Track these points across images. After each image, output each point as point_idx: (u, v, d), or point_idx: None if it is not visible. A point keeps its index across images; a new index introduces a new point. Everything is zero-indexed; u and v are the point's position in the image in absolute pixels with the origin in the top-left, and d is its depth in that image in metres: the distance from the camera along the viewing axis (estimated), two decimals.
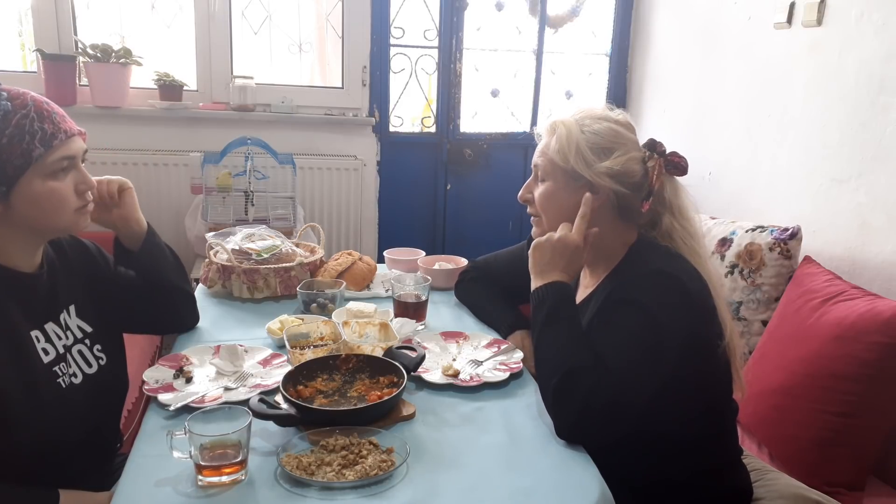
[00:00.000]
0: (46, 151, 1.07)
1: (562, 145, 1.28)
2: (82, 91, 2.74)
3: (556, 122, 1.32)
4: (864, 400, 1.52)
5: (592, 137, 1.28)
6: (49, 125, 1.08)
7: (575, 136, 1.28)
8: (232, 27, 2.90)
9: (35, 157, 1.06)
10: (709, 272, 1.25)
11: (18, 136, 1.05)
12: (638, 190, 1.28)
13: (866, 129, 1.96)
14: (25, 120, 1.06)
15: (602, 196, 1.28)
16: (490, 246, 1.77)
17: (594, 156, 1.27)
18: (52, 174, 1.10)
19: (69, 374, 1.18)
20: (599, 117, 1.32)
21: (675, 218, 1.29)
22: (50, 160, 1.08)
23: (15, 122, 1.05)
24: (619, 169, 1.26)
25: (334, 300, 1.65)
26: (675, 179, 1.31)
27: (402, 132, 3.23)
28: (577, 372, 1.13)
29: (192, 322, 1.52)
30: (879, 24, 1.92)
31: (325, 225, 3.02)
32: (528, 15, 3.22)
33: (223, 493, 0.96)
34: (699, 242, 1.30)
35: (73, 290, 1.25)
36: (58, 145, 1.09)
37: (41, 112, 1.08)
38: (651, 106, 3.19)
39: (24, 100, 1.08)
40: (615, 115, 1.34)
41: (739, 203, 2.51)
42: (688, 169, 1.31)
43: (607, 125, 1.30)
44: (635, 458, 1.21)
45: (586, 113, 1.33)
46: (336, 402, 1.21)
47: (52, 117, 1.09)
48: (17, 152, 1.05)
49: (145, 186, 2.80)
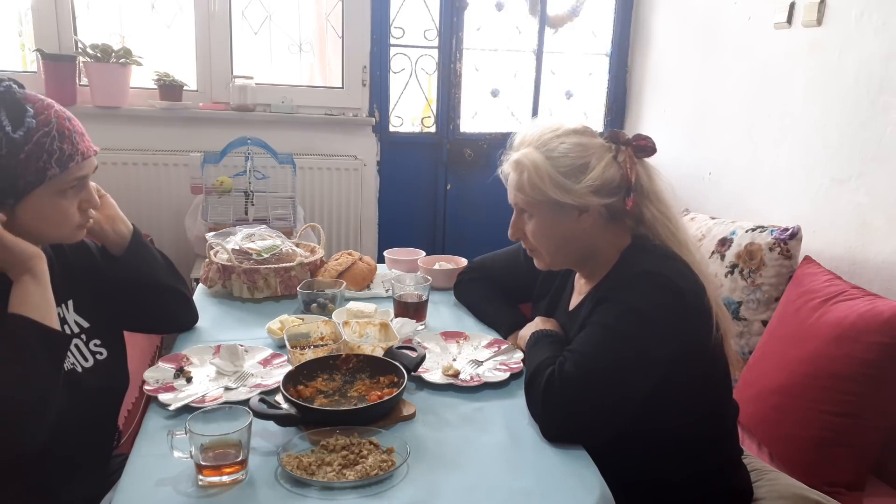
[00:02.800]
0: (61, 172, 1.08)
1: (533, 181, 1.23)
2: (82, 91, 2.74)
3: (519, 160, 1.26)
4: (864, 400, 1.52)
5: (560, 161, 1.23)
6: (68, 146, 1.09)
7: (543, 167, 1.22)
8: (232, 27, 2.90)
9: (49, 176, 1.07)
10: (698, 264, 1.24)
11: (37, 153, 1.06)
12: (620, 191, 1.24)
13: (866, 129, 1.96)
14: (46, 138, 1.06)
15: (593, 212, 1.25)
16: (490, 246, 1.77)
17: (570, 180, 1.22)
18: (61, 192, 1.11)
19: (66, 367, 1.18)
20: (559, 135, 1.26)
21: (654, 205, 1.26)
22: (62, 180, 1.09)
23: (36, 139, 1.06)
24: (599, 183, 1.22)
25: (334, 300, 1.65)
26: (645, 163, 1.27)
27: (402, 132, 3.23)
28: (540, 370, 1.19)
29: (190, 321, 1.52)
30: (879, 24, 1.92)
31: (325, 225, 3.02)
32: (528, 15, 3.22)
33: (223, 492, 0.96)
34: (680, 228, 1.27)
35: (70, 285, 1.25)
36: (73, 167, 1.10)
37: (62, 131, 1.09)
38: (651, 106, 3.19)
39: (49, 115, 1.08)
40: (570, 126, 1.28)
41: (739, 203, 2.51)
42: (656, 148, 1.26)
43: (571, 141, 1.25)
44: (635, 459, 1.21)
45: (544, 135, 1.27)
46: (336, 402, 1.21)
47: (73, 137, 1.10)
48: (32, 170, 1.06)
49: (145, 186, 2.80)
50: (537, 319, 1.41)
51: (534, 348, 1.30)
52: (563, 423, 1.14)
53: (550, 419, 1.15)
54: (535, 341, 1.32)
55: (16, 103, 1.06)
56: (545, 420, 1.15)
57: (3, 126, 1.03)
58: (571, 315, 1.35)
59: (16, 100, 1.06)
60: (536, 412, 1.18)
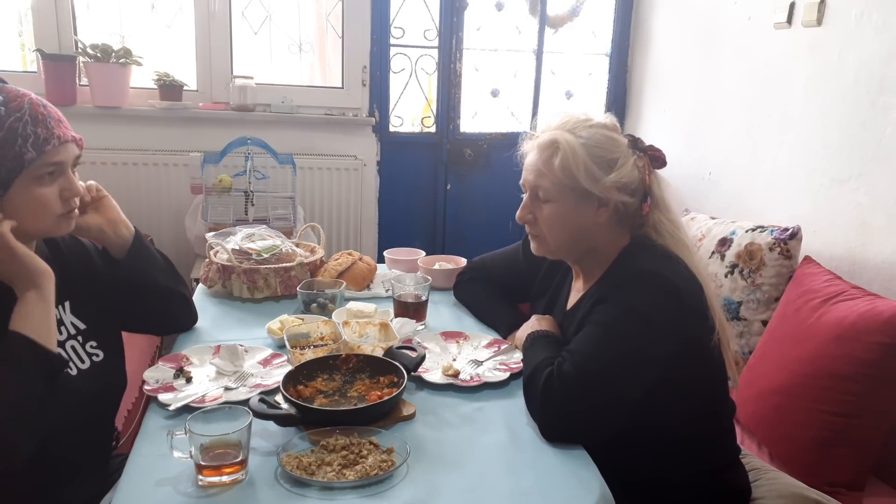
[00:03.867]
0: (38, 156, 1.06)
1: (567, 165, 1.23)
2: (82, 91, 2.74)
3: (556, 140, 1.25)
4: (864, 400, 1.52)
5: (595, 150, 1.24)
6: (42, 129, 1.07)
7: (580, 152, 1.23)
8: (232, 27, 2.90)
9: (27, 160, 1.05)
10: (696, 265, 1.25)
11: (11, 139, 1.04)
12: (637, 194, 1.27)
13: (866, 129, 1.96)
14: (18, 123, 1.05)
15: (610, 208, 1.26)
16: (490, 246, 1.77)
17: (601, 170, 1.23)
18: (37, 179, 1.08)
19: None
20: (590, 126, 1.27)
21: (661, 212, 1.29)
22: (38, 165, 1.07)
23: (8, 124, 1.04)
24: (625, 180, 1.24)
25: (334, 300, 1.65)
26: (656, 173, 1.30)
27: (402, 132, 3.23)
28: (539, 370, 1.19)
29: (189, 322, 1.52)
30: (879, 24, 1.92)
31: (325, 225, 3.02)
32: (528, 15, 3.22)
33: (223, 492, 0.96)
34: (685, 233, 1.30)
35: (67, 286, 1.24)
36: (50, 151, 1.07)
37: (36, 116, 1.07)
38: (651, 106, 3.19)
39: (21, 102, 1.07)
40: (603, 120, 1.30)
41: (739, 203, 2.51)
42: (666, 162, 1.30)
43: (603, 133, 1.26)
44: (635, 458, 1.21)
45: (581, 122, 1.27)
46: (336, 402, 1.21)
47: (47, 122, 1.08)
48: (10, 156, 1.04)
49: (145, 186, 2.80)
50: (533, 319, 1.41)
51: (531, 349, 1.30)
52: (562, 422, 1.14)
53: (549, 419, 1.15)
54: (531, 342, 1.32)
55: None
56: (544, 420, 1.15)
57: None
58: (569, 314, 1.35)
59: None
60: (535, 412, 1.18)
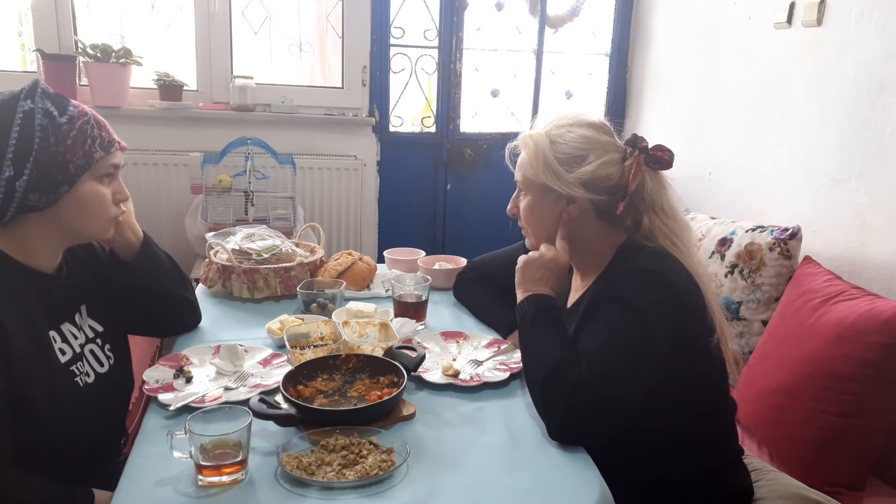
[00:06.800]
0: (105, 156, 1.16)
1: (531, 160, 1.29)
2: (82, 91, 2.74)
3: (525, 137, 1.32)
4: (864, 400, 1.52)
5: (562, 147, 1.27)
6: (105, 133, 1.17)
7: (542, 149, 1.27)
8: (232, 27, 2.90)
9: (96, 159, 1.14)
10: (695, 268, 1.24)
11: (81, 138, 1.12)
12: (616, 192, 1.26)
13: (866, 129, 1.96)
14: (87, 125, 1.14)
15: (579, 205, 1.27)
16: (490, 246, 1.77)
17: (563, 167, 1.26)
18: (100, 178, 1.17)
19: (84, 373, 1.20)
20: (571, 124, 1.29)
21: (658, 216, 1.26)
22: (103, 165, 1.16)
23: (79, 125, 1.13)
24: (589, 177, 1.25)
25: (334, 300, 1.65)
26: (659, 175, 1.28)
27: (402, 132, 3.23)
28: (560, 371, 1.13)
29: (193, 324, 1.53)
30: (879, 24, 1.92)
31: (325, 225, 3.02)
32: (528, 15, 3.22)
33: (223, 493, 0.96)
34: (685, 240, 1.27)
35: (84, 290, 1.27)
36: (114, 152, 1.18)
37: (99, 121, 1.17)
38: (651, 106, 3.19)
39: (85, 109, 1.17)
40: (589, 119, 1.31)
41: (739, 203, 2.51)
42: (672, 163, 1.27)
43: (578, 132, 1.27)
44: (635, 458, 1.21)
45: (558, 121, 1.31)
46: (336, 402, 1.21)
47: (107, 128, 1.19)
48: (80, 153, 1.12)
49: (145, 186, 2.80)
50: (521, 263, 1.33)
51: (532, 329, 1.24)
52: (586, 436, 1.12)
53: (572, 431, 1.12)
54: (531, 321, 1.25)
55: (57, 95, 1.13)
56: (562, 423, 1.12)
57: (50, 112, 1.10)
58: (568, 313, 1.35)
59: (56, 93, 1.13)
60: (555, 420, 1.13)
